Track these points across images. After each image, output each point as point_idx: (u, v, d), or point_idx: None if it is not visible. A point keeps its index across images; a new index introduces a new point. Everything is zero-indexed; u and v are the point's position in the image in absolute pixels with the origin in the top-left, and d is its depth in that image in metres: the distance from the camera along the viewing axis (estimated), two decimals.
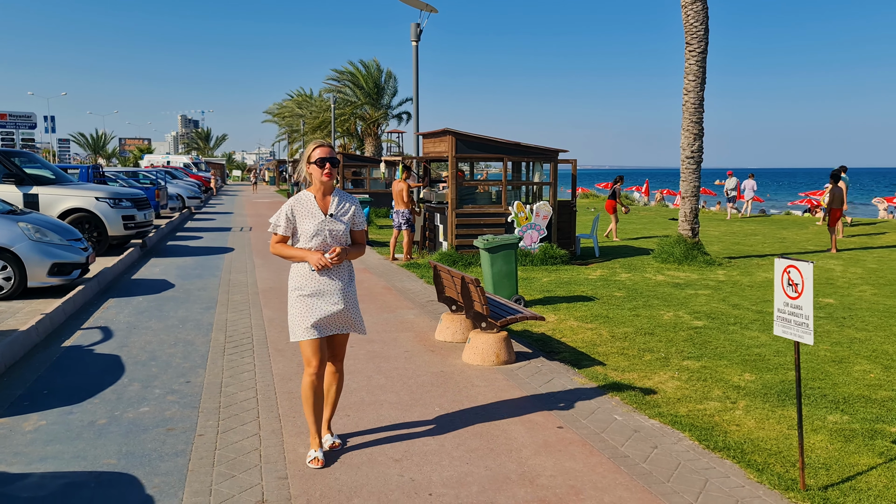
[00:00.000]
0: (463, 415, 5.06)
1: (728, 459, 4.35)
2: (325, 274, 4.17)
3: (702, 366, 6.57)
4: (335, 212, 4.19)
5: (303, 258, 4.13)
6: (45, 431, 4.68)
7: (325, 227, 4.14)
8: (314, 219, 4.14)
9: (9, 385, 5.64)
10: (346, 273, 4.26)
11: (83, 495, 3.77)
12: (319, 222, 4.14)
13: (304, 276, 4.18)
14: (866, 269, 12.69)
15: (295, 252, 4.15)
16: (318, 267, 4.08)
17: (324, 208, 4.18)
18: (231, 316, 8.36)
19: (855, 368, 6.48)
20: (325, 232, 4.14)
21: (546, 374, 6.11)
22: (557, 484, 3.96)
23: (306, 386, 4.18)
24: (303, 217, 4.16)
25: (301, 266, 4.20)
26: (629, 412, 5.18)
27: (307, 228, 4.13)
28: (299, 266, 4.21)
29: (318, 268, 4.09)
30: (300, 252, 4.14)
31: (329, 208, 4.19)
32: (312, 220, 4.14)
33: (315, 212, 4.16)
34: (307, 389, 4.18)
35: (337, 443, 4.45)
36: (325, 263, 4.06)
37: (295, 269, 4.24)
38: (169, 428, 4.77)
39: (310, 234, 4.13)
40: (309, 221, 4.14)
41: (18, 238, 8.90)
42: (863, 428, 4.97)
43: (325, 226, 4.14)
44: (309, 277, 4.17)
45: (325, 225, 4.14)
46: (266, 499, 3.74)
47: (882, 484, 4.07)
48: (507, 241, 9.08)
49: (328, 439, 4.43)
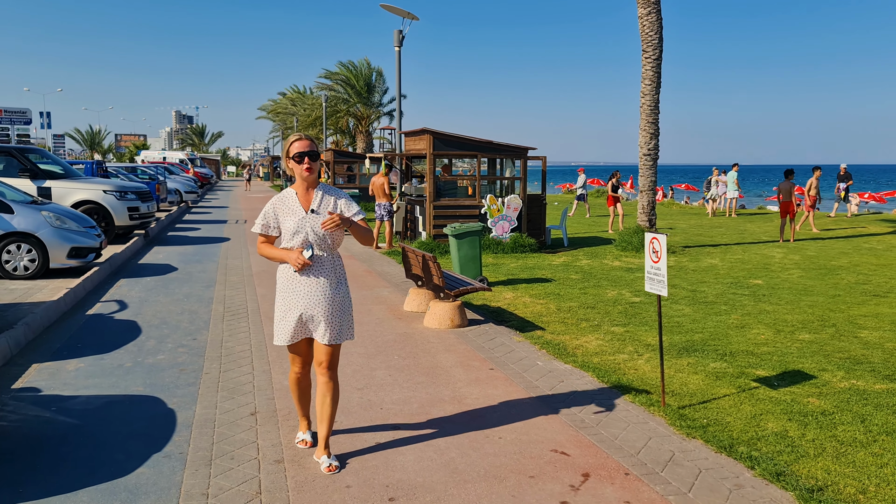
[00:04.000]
0: (416, 361, 6.33)
1: (615, 389, 5.62)
2: (307, 275, 3.97)
3: (625, 331, 7.84)
4: (317, 207, 4.00)
5: (283, 258, 3.95)
6: (84, 371, 5.93)
7: (307, 223, 3.95)
8: (294, 216, 3.96)
9: (48, 341, 6.90)
10: (330, 275, 4.03)
11: (121, 407, 5.04)
12: (300, 219, 3.95)
13: (285, 278, 4.03)
14: (805, 256, 14.00)
15: (276, 253, 4.00)
16: (297, 267, 3.87)
17: (305, 205, 4.01)
18: (228, 292, 9.61)
19: (752, 332, 7.76)
20: (305, 228, 3.94)
21: (491, 335, 7.38)
22: (479, 402, 5.23)
23: (291, 381, 4.29)
24: (284, 215, 4.00)
25: (284, 267, 4.04)
26: (550, 360, 6.45)
27: (288, 226, 3.96)
28: (283, 267, 4.06)
29: (297, 268, 3.88)
30: (280, 252, 3.97)
31: (311, 204, 4.02)
32: (293, 217, 3.96)
33: (296, 208, 3.99)
34: (292, 384, 4.29)
35: (334, 465, 4.04)
36: (303, 262, 3.86)
37: (281, 269, 4.09)
38: (181, 369, 6.03)
39: (290, 231, 3.95)
40: (290, 219, 3.97)
41: (42, 225, 10.13)
42: (734, 371, 6.25)
43: (307, 223, 3.95)
44: (290, 279, 4.00)
45: (305, 222, 3.95)
46: (258, 410, 5.00)
47: (728, 404, 5.34)
48: (472, 229, 10.34)
49: (325, 461, 4.05)
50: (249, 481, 3.89)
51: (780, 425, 4.90)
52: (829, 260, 13.43)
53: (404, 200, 16.27)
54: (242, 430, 4.63)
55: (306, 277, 3.97)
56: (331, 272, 4.03)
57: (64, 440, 4.47)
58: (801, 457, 4.37)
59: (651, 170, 14.53)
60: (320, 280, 3.99)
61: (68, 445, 4.39)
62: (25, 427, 4.69)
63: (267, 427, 4.69)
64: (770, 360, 6.60)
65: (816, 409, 5.24)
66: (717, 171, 26.64)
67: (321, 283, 3.99)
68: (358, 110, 44.19)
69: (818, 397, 5.51)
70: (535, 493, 3.80)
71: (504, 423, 4.81)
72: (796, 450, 4.47)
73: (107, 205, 14.56)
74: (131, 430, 4.62)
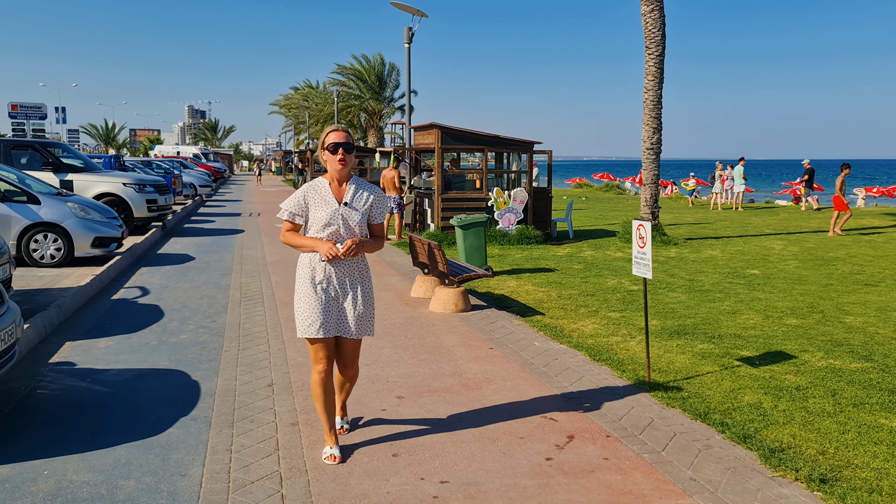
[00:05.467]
0: (421, 341, 6.77)
1: (605, 366, 6.04)
2: (336, 266, 3.95)
3: (621, 316, 8.24)
4: (350, 200, 3.95)
5: (313, 248, 3.89)
6: (114, 348, 6.41)
7: (339, 216, 3.91)
8: (327, 207, 3.91)
9: (79, 322, 7.39)
10: (359, 268, 4.04)
11: (150, 379, 5.51)
12: (333, 211, 3.90)
13: (314, 268, 3.95)
14: (804, 248, 14.32)
15: (305, 241, 3.92)
16: (328, 258, 3.82)
17: (338, 196, 3.96)
18: (244, 280, 10.08)
19: (742, 317, 8.14)
20: (338, 221, 3.90)
21: (493, 319, 7.80)
22: (477, 377, 5.66)
23: (315, 384, 4.03)
24: (315, 205, 3.93)
25: (311, 256, 3.97)
26: (546, 340, 6.87)
27: (319, 217, 3.90)
28: (309, 256, 3.98)
29: (328, 258, 3.83)
30: (311, 241, 3.90)
31: (344, 196, 3.97)
32: (326, 208, 3.91)
33: (329, 199, 3.93)
34: (316, 387, 4.03)
35: (345, 427, 4.40)
36: (335, 254, 3.81)
37: (304, 260, 4.01)
38: (203, 347, 6.50)
39: (322, 222, 3.89)
40: (322, 209, 3.91)
41: (67, 216, 10.64)
42: (720, 352, 6.64)
43: (339, 215, 3.91)
44: (318, 269, 3.95)
45: (338, 214, 3.91)
46: (274, 382, 5.46)
47: (710, 380, 5.74)
48: (477, 220, 10.77)
49: (338, 422, 4.28)
50: (268, 440, 4.34)
51: (756, 398, 5.30)
52: (827, 251, 13.75)
53: (413, 193, 16.70)
54: (260, 399, 5.08)
55: (339, 269, 3.94)
56: (359, 265, 4.03)
57: (100, 406, 4.94)
58: (771, 424, 4.77)
59: (654, 164, 14.87)
60: (354, 272, 3.99)
61: (105, 410, 4.86)
62: (65, 395, 5.17)
63: (283, 396, 5.14)
64: (755, 342, 6.99)
65: (792, 384, 5.64)
66: (720, 165, 26.89)
67: (355, 275, 3.99)
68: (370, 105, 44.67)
69: (795, 374, 5.90)
70: (524, 450, 4.23)
71: (499, 394, 5.23)
72: (767, 418, 4.88)
73: (126, 197, 15.09)
74: (160, 398, 5.09)
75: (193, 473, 3.89)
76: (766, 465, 4.04)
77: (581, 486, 3.77)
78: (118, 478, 3.83)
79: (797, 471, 3.94)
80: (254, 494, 3.64)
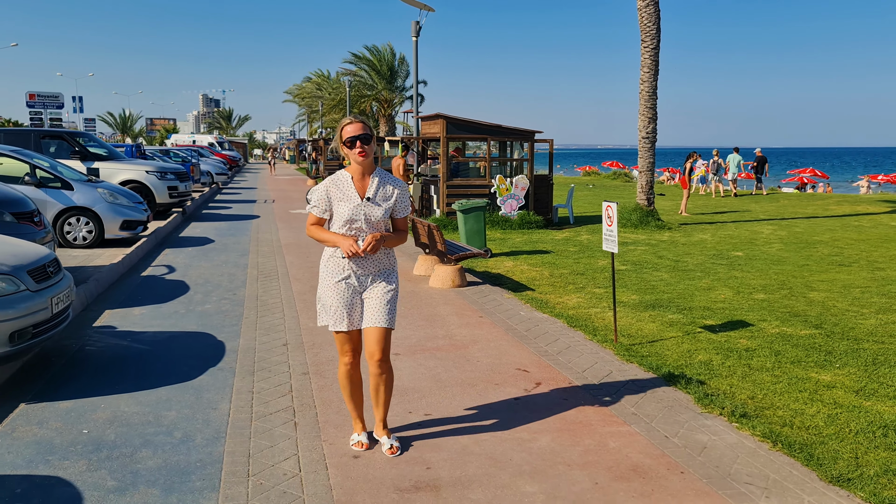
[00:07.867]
0: (419, 311, 7.58)
1: (580, 331, 6.82)
2: (359, 262, 3.89)
3: (605, 291, 9.00)
4: (373, 195, 3.87)
5: (335, 243, 3.83)
6: (147, 315, 7.28)
7: (361, 211, 3.83)
8: (349, 202, 3.84)
9: (115, 294, 8.28)
10: (383, 263, 3.98)
11: (181, 339, 6.38)
12: (355, 206, 3.83)
13: (337, 263, 3.91)
14: (791, 232, 15.00)
15: (328, 236, 3.87)
16: (349, 254, 3.77)
17: (361, 191, 3.87)
18: (261, 260, 10.94)
19: (715, 293, 8.89)
20: (360, 217, 3.83)
21: (487, 293, 8.60)
22: (465, 339, 6.47)
23: (341, 375, 4.04)
24: (338, 200, 3.86)
25: (334, 251, 3.92)
26: (531, 310, 7.66)
27: (342, 212, 3.83)
28: (332, 251, 3.94)
29: (348, 255, 3.77)
30: (333, 236, 3.84)
31: (367, 191, 3.88)
32: (348, 203, 3.84)
33: (351, 195, 3.85)
34: (343, 378, 4.04)
35: (396, 446, 4.03)
36: (356, 251, 3.75)
37: (327, 254, 3.97)
38: (226, 315, 7.35)
39: (344, 218, 3.83)
40: (344, 205, 3.84)
41: (98, 200, 11.54)
42: (687, 321, 7.41)
43: (362, 210, 3.83)
44: (342, 265, 3.90)
45: (360, 209, 3.83)
46: (288, 342, 6.30)
47: (671, 343, 6.51)
48: (477, 205, 11.55)
49: (386, 442, 4.05)
50: (283, 385, 5.17)
51: (707, 357, 6.07)
52: (812, 235, 14.43)
53: (420, 180, 17.49)
54: (276, 355, 5.92)
55: (363, 264, 3.90)
56: (384, 259, 3.98)
57: (141, 359, 5.80)
58: (715, 377, 5.55)
59: (650, 152, 15.57)
60: (378, 266, 3.95)
61: (145, 362, 5.72)
62: (109, 351, 6.03)
63: (296, 353, 5.97)
64: (721, 313, 7.74)
65: (742, 347, 6.40)
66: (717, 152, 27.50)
67: (378, 269, 3.95)
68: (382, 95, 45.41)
69: (749, 339, 6.67)
70: (497, 393, 5.04)
71: (482, 353, 6.04)
72: (712, 372, 5.65)
73: (149, 184, 16.00)
74: (191, 353, 5.95)
75: (222, 407, 4.74)
76: (698, 405, 4.83)
77: (540, 417, 4.58)
78: (162, 409, 4.69)
79: (723, 408, 4.72)
80: (272, 421, 4.48)
